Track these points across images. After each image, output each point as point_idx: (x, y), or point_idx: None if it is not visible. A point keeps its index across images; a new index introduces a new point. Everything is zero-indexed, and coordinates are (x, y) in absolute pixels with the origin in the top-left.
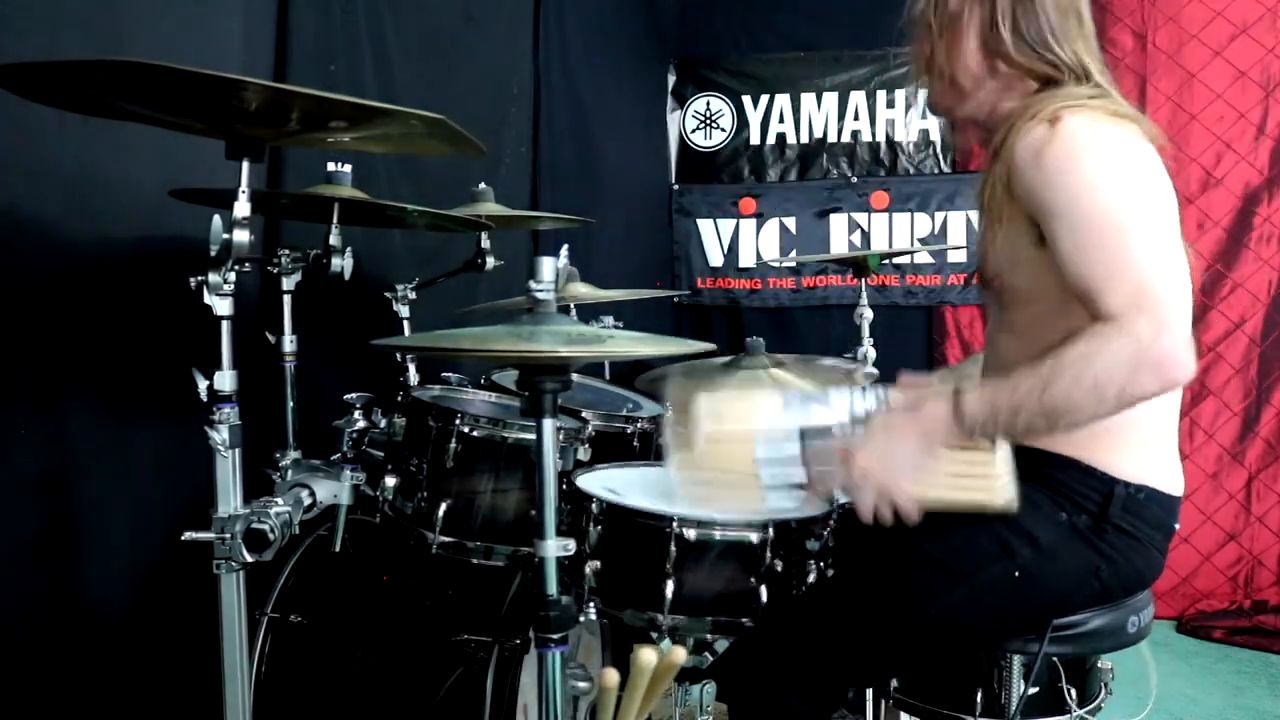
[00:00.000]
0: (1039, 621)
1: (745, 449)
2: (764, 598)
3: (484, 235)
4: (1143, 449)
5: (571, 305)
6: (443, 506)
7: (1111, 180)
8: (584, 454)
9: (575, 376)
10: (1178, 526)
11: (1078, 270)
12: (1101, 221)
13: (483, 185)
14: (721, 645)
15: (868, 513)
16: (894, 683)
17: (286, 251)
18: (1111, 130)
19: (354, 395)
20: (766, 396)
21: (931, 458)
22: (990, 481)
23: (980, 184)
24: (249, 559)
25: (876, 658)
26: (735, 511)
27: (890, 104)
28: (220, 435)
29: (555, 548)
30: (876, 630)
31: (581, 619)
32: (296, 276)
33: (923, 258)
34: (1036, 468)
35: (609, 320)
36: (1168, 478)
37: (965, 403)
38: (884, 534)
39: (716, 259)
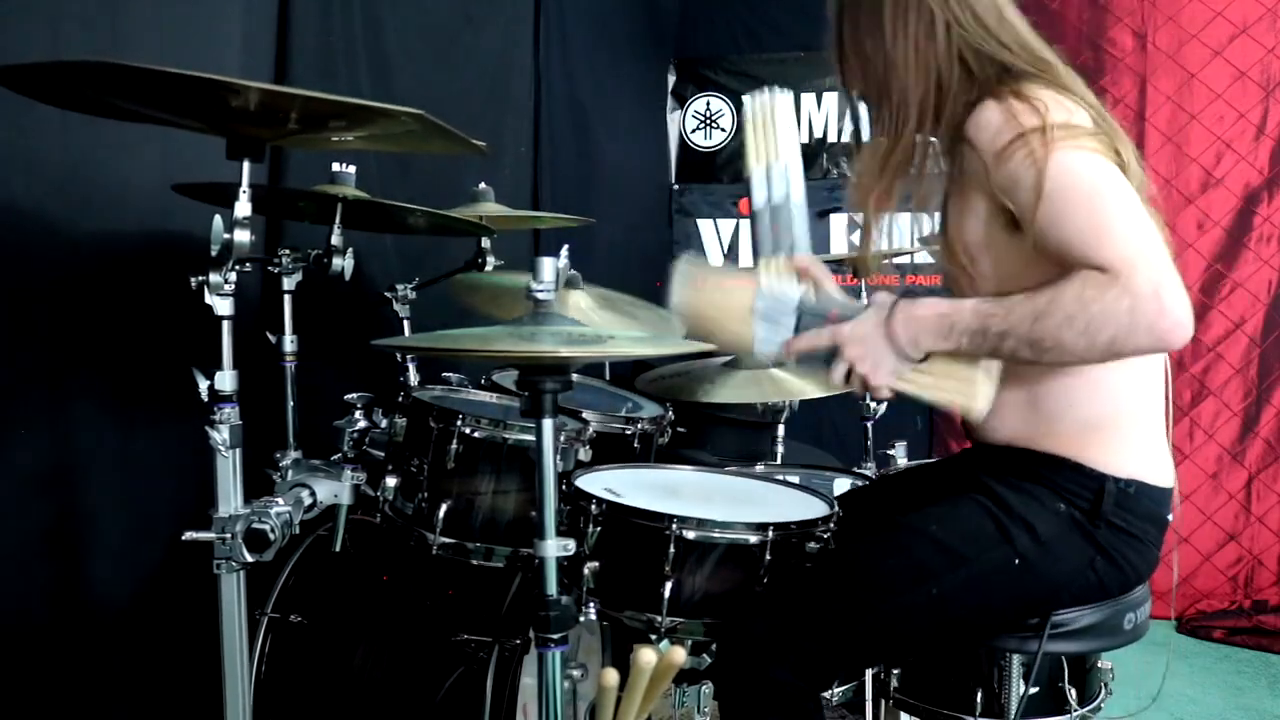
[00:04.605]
0: (1034, 613)
1: (745, 294)
2: None
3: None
4: (1131, 445)
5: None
6: (443, 507)
7: (1079, 152)
8: (585, 455)
9: (575, 376)
10: (1171, 517)
11: (1059, 235)
12: (1078, 185)
13: (483, 185)
14: None
15: (838, 378)
16: (894, 683)
17: (287, 251)
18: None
19: (354, 395)
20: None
21: (912, 352)
22: (971, 387)
23: (923, 180)
24: (249, 559)
25: (874, 636)
26: (726, 342)
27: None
28: (221, 435)
29: (555, 548)
30: (877, 607)
31: (581, 619)
32: (297, 276)
33: (923, 258)
34: (1031, 467)
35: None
36: (1157, 470)
37: (959, 310)
38: (887, 516)
39: (716, 259)
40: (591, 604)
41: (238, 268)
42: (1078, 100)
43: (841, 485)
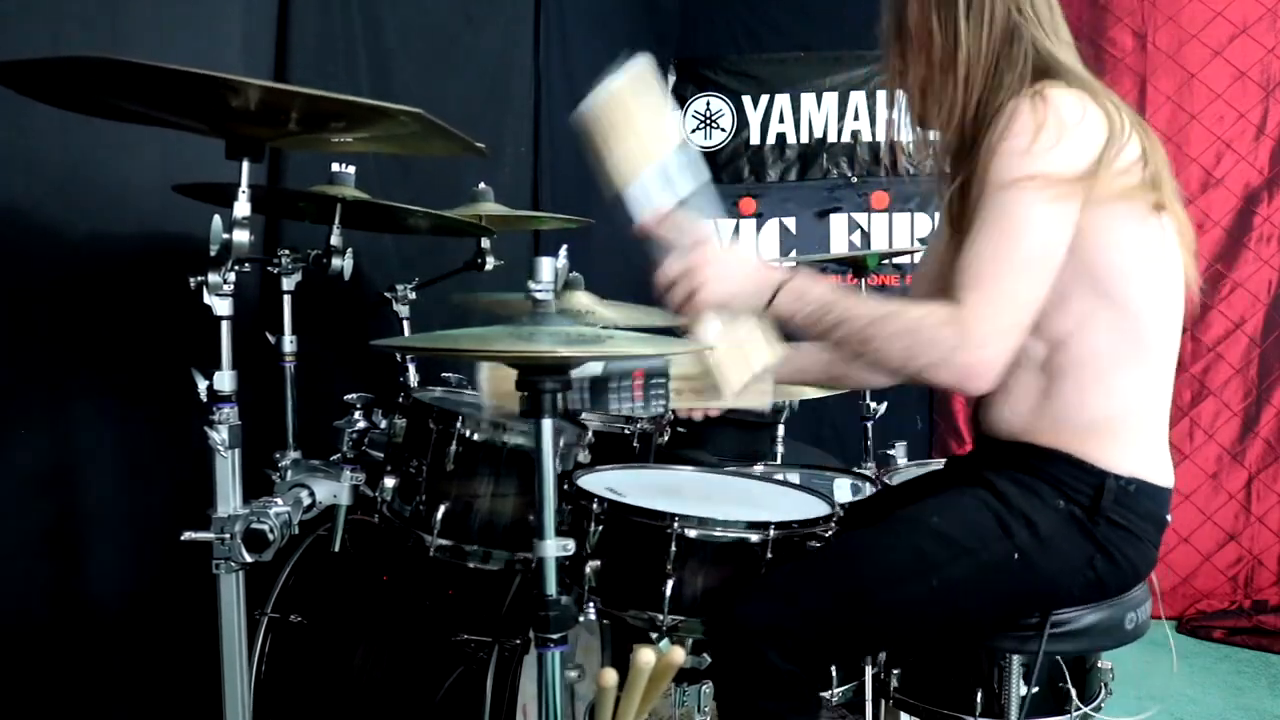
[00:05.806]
0: (1033, 610)
1: (671, 133)
2: None
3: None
4: (1132, 444)
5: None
6: (441, 509)
7: (1046, 204)
8: (584, 456)
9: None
10: (1170, 518)
11: (968, 254)
12: (1000, 221)
13: (482, 185)
14: None
15: (668, 277)
16: (894, 683)
17: (287, 251)
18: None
19: (354, 395)
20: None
21: (756, 298)
22: (737, 371)
23: (948, 190)
24: (248, 559)
25: (872, 625)
26: (617, 158)
27: (891, 104)
28: (220, 435)
29: (554, 548)
30: (876, 594)
31: (581, 619)
32: (297, 276)
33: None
34: (1030, 461)
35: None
36: (1157, 470)
37: (806, 280)
38: (889, 510)
39: None
40: (592, 603)
41: (237, 268)
42: (1097, 100)
43: (841, 485)
